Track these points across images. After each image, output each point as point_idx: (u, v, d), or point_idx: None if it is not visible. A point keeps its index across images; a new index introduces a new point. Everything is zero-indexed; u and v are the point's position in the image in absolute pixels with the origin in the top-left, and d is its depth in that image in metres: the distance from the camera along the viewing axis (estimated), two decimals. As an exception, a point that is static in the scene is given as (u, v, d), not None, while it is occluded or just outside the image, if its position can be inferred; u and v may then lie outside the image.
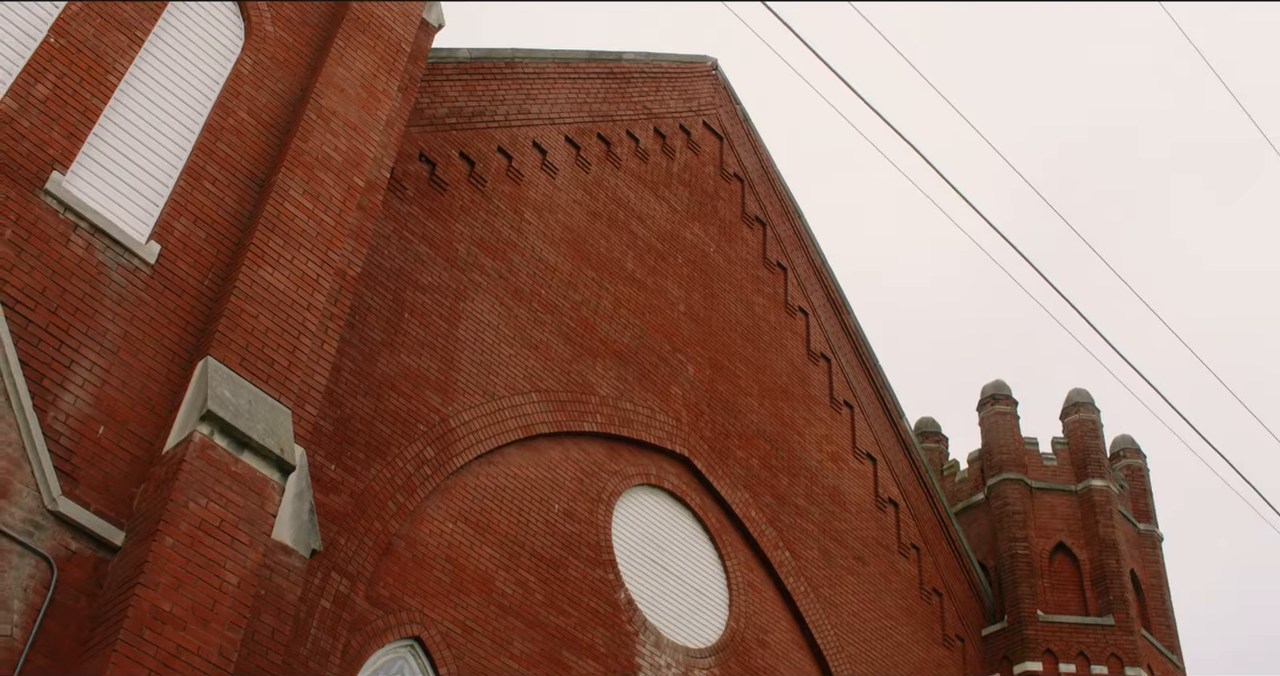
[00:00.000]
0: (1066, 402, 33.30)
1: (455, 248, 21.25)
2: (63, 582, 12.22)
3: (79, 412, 13.01)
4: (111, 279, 13.93)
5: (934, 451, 34.27)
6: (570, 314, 22.86)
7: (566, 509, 20.79)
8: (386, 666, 17.08)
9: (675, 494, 23.30)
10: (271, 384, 14.53)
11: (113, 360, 13.56)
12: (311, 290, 15.58)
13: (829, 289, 30.36)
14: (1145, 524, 32.24)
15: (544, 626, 19.25)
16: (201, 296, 14.76)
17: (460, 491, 19.17)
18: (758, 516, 24.53)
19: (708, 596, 22.88)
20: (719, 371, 25.75)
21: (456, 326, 20.46)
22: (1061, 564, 30.20)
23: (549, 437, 21.22)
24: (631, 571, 21.66)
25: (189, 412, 13.51)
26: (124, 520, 12.93)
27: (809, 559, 25.32)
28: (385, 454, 18.14)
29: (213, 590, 12.62)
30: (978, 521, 31.52)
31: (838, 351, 29.64)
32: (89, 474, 12.87)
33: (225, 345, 14.24)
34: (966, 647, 28.49)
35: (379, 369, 18.79)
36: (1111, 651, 28.10)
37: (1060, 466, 31.85)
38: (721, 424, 24.97)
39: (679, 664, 21.15)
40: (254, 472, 13.64)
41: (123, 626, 11.76)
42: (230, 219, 15.54)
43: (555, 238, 23.55)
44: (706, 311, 26.38)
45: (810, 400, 28.04)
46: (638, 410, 23.05)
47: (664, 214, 26.82)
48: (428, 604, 17.76)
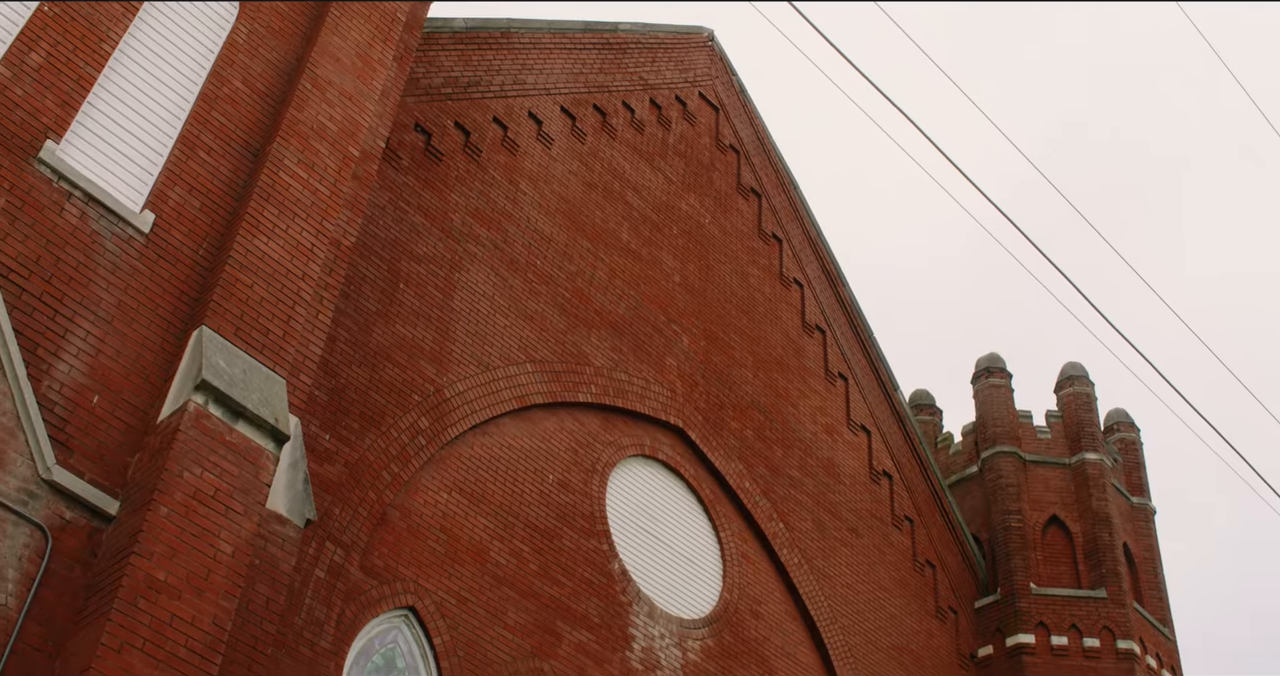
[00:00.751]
0: (1061, 376, 33.33)
1: (450, 218, 21.22)
2: (57, 552, 12.23)
3: (73, 382, 13.00)
4: (106, 248, 13.90)
5: (928, 424, 34.30)
6: (565, 284, 22.83)
7: (561, 479, 20.80)
8: (381, 636, 17.12)
9: (669, 465, 23.32)
10: (266, 353, 14.51)
11: (107, 329, 13.54)
12: (306, 260, 15.55)
13: (824, 260, 30.33)
14: (1138, 497, 32.30)
15: (538, 596, 19.28)
16: (196, 266, 14.73)
17: (455, 461, 19.18)
18: (752, 487, 24.56)
19: (701, 567, 22.92)
20: (714, 342, 25.74)
21: (451, 297, 20.44)
22: (1054, 537, 30.26)
23: (543, 408, 21.22)
24: (625, 542, 21.70)
25: (183, 382, 13.50)
26: (118, 489, 12.93)
27: (803, 530, 25.36)
28: (380, 424, 18.14)
29: (207, 559, 12.63)
30: (971, 494, 31.57)
31: (833, 323, 29.63)
32: (83, 443, 12.87)
33: (220, 314, 14.21)
34: (959, 619, 28.57)
35: (374, 339, 18.77)
36: (1104, 624, 28.18)
37: (1054, 439, 31.89)
38: (716, 395, 24.98)
39: (672, 634, 21.20)
40: (249, 442, 13.64)
41: (117, 595, 11.77)
42: (225, 188, 15.50)
43: (550, 208, 23.51)
44: (702, 282, 26.35)
45: (805, 372, 28.04)
46: (632, 381, 23.05)
47: (659, 185, 26.78)
48: (422, 574, 17.78)
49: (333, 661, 15.95)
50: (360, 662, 16.72)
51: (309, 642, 15.71)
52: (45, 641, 11.78)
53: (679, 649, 21.17)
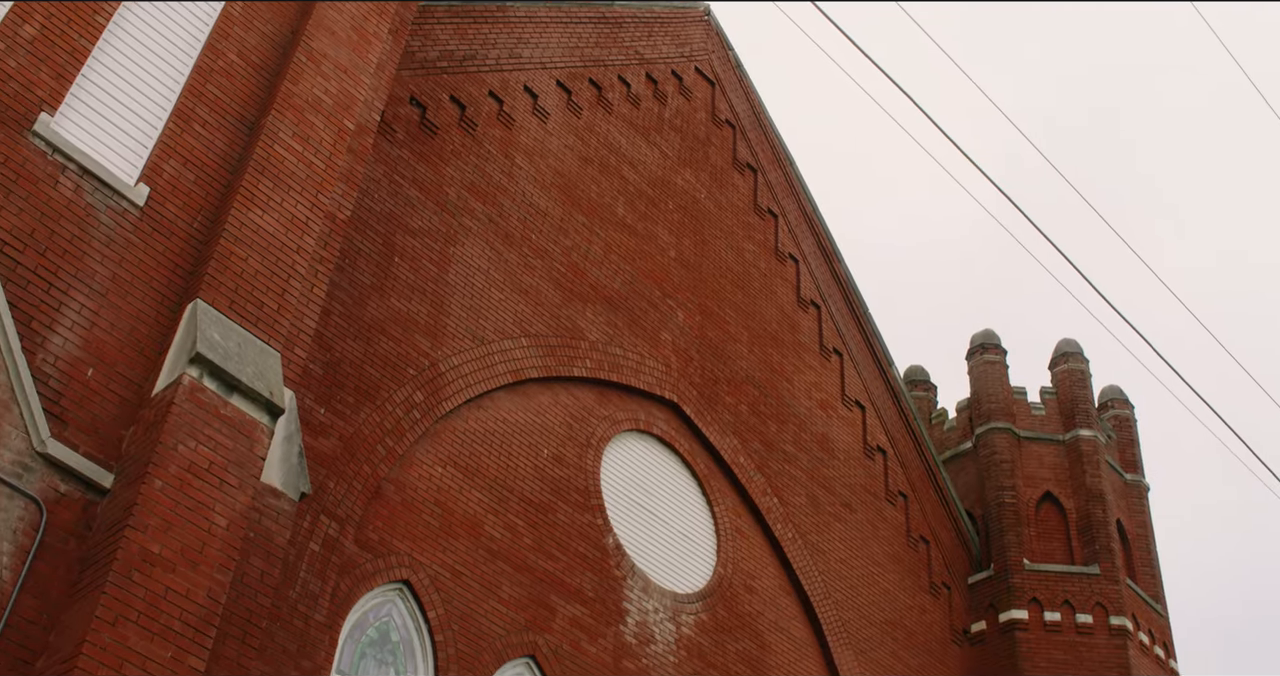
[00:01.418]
0: (1055, 352, 33.33)
1: (445, 192, 21.19)
2: (52, 525, 12.24)
3: (68, 355, 12.99)
4: (100, 221, 13.87)
5: (923, 400, 34.32)
6: (560, 259, 22.82)
7: (555, 454, 20.82)
8: (375, 609, 17.15)
9: (664, 439, 23.34)
10: (261, 327, 14.50)
11: (101, 302, 13.52)
12: (301, 233, 15.53)
13: (820, 236, 30.31)
14: (1132, 474, 32.35)
15: (532, 570, 19.31)
16: (191, 239, 14.70)
17: (449, 435, 19.19)
18: (746, 462, 24.59)
19: (695, 542, 22.96)
20: (709, 317, 25.74)
21: (446, 271, 20.42)
22: (1048, 513, 30.32)
23: (538, 382, 21.23)
24: (620, 516, 21.73)
25: (178, 355, 13.49)
26: (113, 462, 12.94)
27: (797, 505, 25.40)
28: (374, 398, 18.14)
29: (202, 532, 12.64)
30: (965, 470, 31.61)
31: (828, 298, 29.63)
32: (78, 416, 12.86)
33: (214, 288, 14.20)
34: (952, 595, 28.64)
35: (368, 312, 18.76)
36: (1096, 600, 28.25)
37: (1048, 416, 31.92)
38: (711, 370, 24.99)
39: (666, 608, 21.25)
40: (243, 415, 13.64)
41: (112, 568, 11.78)
42: (220, 161, 15.47)
43: (546, 182, 23.48)
44: (697, 257, 26.34)
45: (800, 347, 28.05)
46: (627, 356, 23.05)
47: (655, 160, 26.74)
48: (416, 547, 17.81)
49: (327, 634, 15.99)
50: (355, 636, 16.75)
51: (303, 616, 15.73)
52: (40, 614, 11.80)
53: (673, 623, 21.22)
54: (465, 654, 17.66)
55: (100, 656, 11.36)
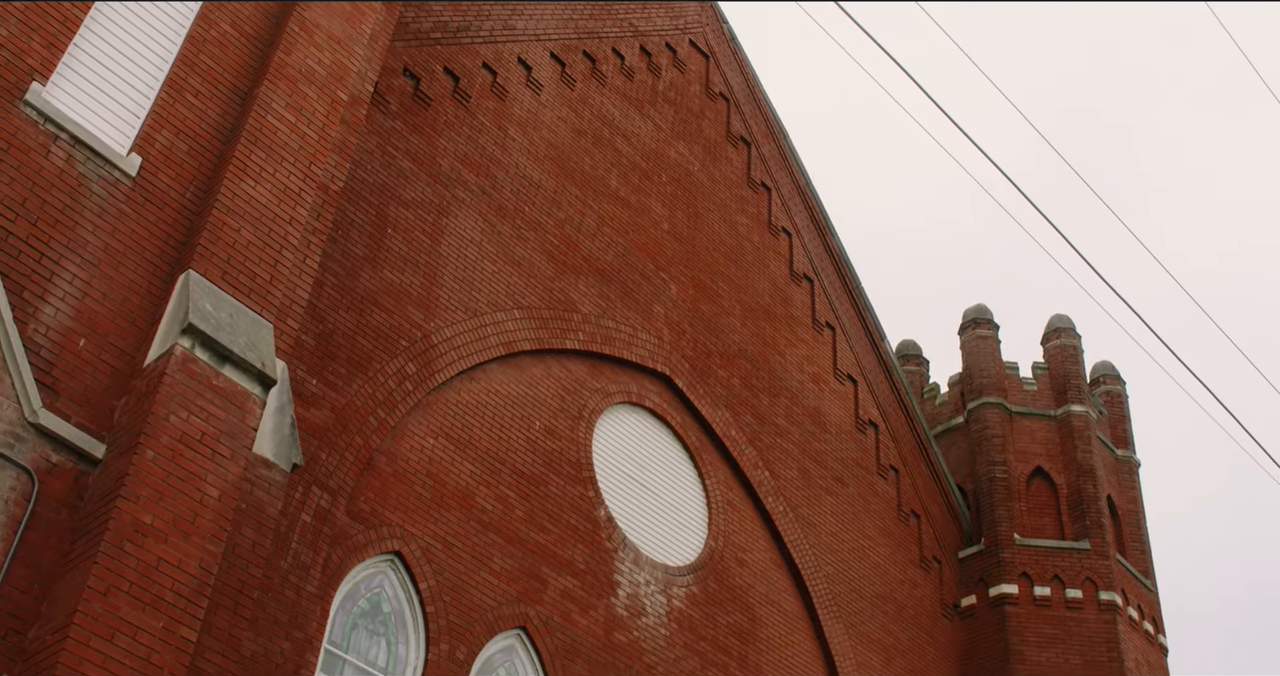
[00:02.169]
0: (1048, 328, 33.35)
1: (439, 163, 21.15)
2: (44, 495, 12.24)
3: (60, 325, 12.98)
4: (92, 191, 13.84)
5: (915, 374, 34.34)
6: (553, 231, 22.79)
7: (547, 426, 20.83)
8: (367, 580, 17.17)
9: (656, 412, 23.35)
10: (253, 297, 14.49)
11: (93, 272, 13.50)
12: (294, 204, 15.51)
13: (813, 210, 30.28)
14: (1123, 450, 32.40)
15: (524, 542, 19.34)
16: (183, 209, 14.68)
17: (441, 407, 19.19)
18: (738, 436, 24.61)
19: (687, 514, 22.99)
20: (701, 291, 25.73)
21: (439, 242, 20.40)
22: (1039, 488, 30.37)
23: (531, 355, 21.23)
24: (611, 489, 21.75)
25: (170, 326, 13.48)
26: (105, 433, 12.94)
27: (788, 479, 25.44)
28: (367, 369, 18.13)
29: (194, 503, 12.65)
30: (957, 444, 31.65)
31: (820, 272, 29.62)
32: (70, 386, 12.86)
33: (207, 258, 14.18)
34: (943, 569, 28.71)
35: (361, 284, 18.74)
36: (1086, 575, 28.33)
37: (1040, 391, 31.95)
38: (703, 343, 24.99)
39: (658, 581, 21.29)
40: (235, 386, 13.64)
41: (104, 538, 11.79)
42: (212, 131, 15.43)
43: (539, 155, 23.44)
44: (690, 230, 26.32)
45: (792, 321, 28.06)
46: (620, 328, 23.05)
47: (649, 132, 26.70)
48: (408, 519, 17.83)
49: (319, 605, 16.01)
50: (346, 607, 16.78)
51: (295, 586, 15.75)
52: (32, 584, 11.81)
53: (664, 595, 21.26)
54: (456, 625, 17.70)
55: (92, 626, 11.38)
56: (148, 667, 11.66)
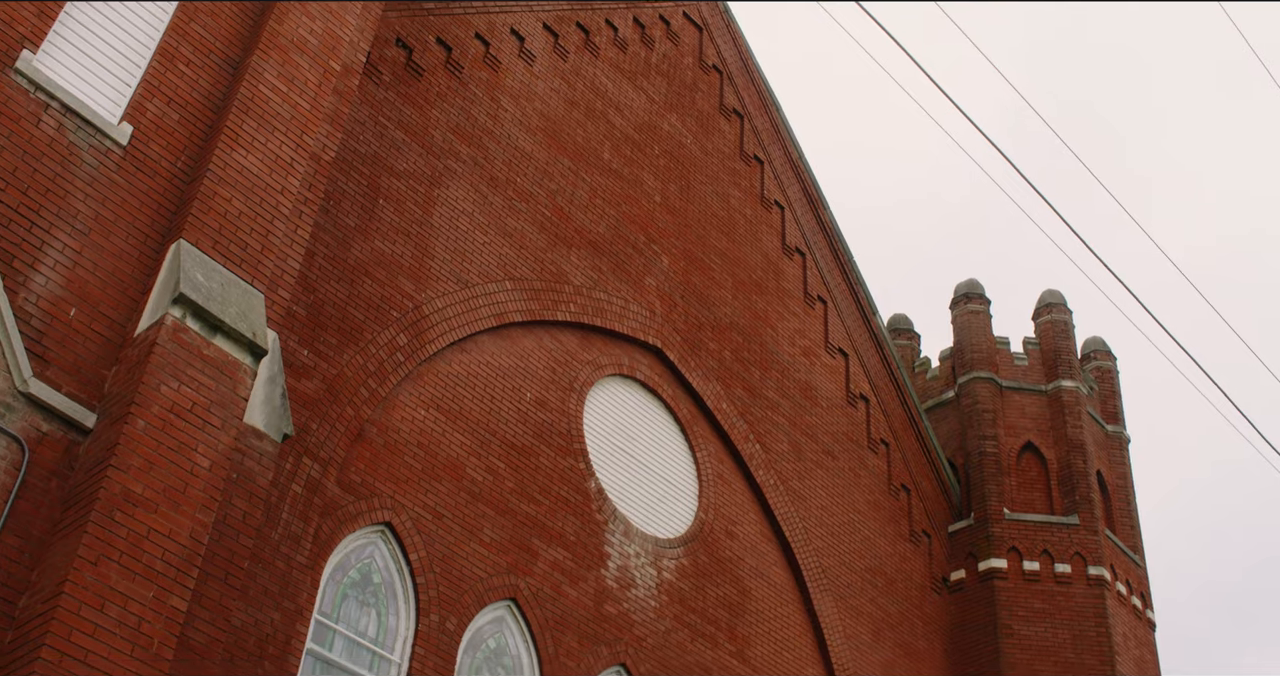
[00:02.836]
0: (1039, 303, 33.37)
1: (431, 134, 21.10)
2: (34, 464, 12.23)
3: (50, 294, 12.94)
4: (83, 160, 13.80)
5: (906, 348, 34.36)
6: (545, 202, 22.76)
7: (538, 397, 20.83)
8: (357, 551, 17.19)
9: (647, 384, 23.36)
10: (244, 268, 14.46)
11: (84, 242, 13.47)
12: (285, 174, 15.46)
13: (805, 183, 30.25)
14: (1113, 425, 32.46)
15: (514, 514, 19.36)
16: (174, 178, 14.63)
17: (432, 378, 19.18)
18: (729, 408, 24.63)
19: (677, 487, 23.02)
20: (693, 263, 25.71)
21: (431, 213, 20.36)
22: (1029, 463, 30.44)
23: (522, 326, 21.21)
24: (602, 461, 21.77)
25: (161, 295, 13.46)
26: (95, 402, 12.92)
27: (779, 452, 25.47)
28: (358, 339, 18.11)
29: (184, 473, 12.64)
30: (947, 419, 31.69)
31: (812, 246, 29.60)
32: (60, 356, 12.83)
33: (198, 228, 14.15)
34: (932, 543, 28.78)
35: (353, 254, 18.71)
36: (1075, 550, 28.41)
37: (1031, 366, 31.98)
38: (695, 315, 24.99)
39: (648, 553, 21.32)
40: (226, 356, 13.62)
41: (94, 508, 11.79)
42: (204, 101, 15.38)
43: (532, 126, 23.39)
44: (682, 203, 26.28)
45: (784, 294, 28.05)
46: (611, 300, 23.04)
47: (641, 104, 26.64)
48: (399, 489, 17.83)
49: (309, 576, 16.03)
50: (336, 577, 16.80)
51: (285, 557, 15.76)
52: (22, 553, 11.81)
53: (654, 567, 21.30)
54: (447, 596, 17.73)
55: (82, 595, 11.38)
56: (138, 636, 11.67)
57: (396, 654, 17.07)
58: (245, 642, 14.89)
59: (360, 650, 16.74)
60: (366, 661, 16.73)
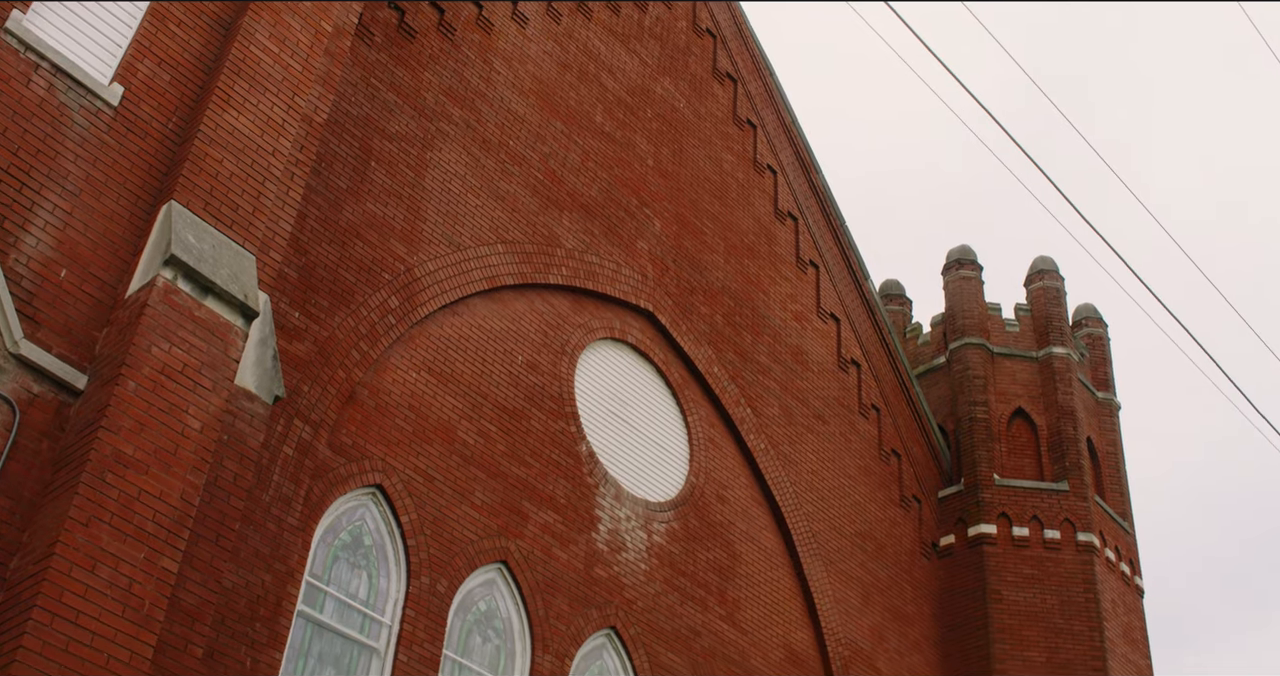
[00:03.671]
0: (1031, 270, 33.36)
1: (423, 96, 21.03)
2: (24, 425, 12.23)
3: (41, 255, 12.92)
4: (74, 120, 13.75)
5: (897, 314, 34.37)
6: (538, 166, 22.71)
7: (530, 361, 20.83)
8: (348, 513, 17.21)
9: (639, 348, 23.36)
10: (236, 229, 14.43)
11: (75, 203, 13.43)
12: (277, 135, 15.42)
13: (798, 147, 30.20)
14: (1104, 392, 32.50)
15: (505, 477, 19.38)
16: (165, 140, 14.59)
17: (424, 341, 19.18)
18: (720, 373, 24.64)
19: (669, 451, 23.05)
20: (686, 227, 25.69)
21: (423, 176, 20.31)
22: (1019, 429, 30.49)
23: (513, 289, 21.20)
24: (593, 424, 21.79)
25: (152, 257, 13.43)
26: (86, 364, 12.91)
27: (770, 416, 25.50)
28: (349, 302, 18.10)
29: (175, 434, 12.65)
30: (938, 385, 31.73)
31: (805, 211, 29.57)
32: (51, 317, 12.81)
33: (189, 189, 14.11)
34: (923, 508, 28.85)
35: (344, 217, 18.67)
36: (1065, 516, 28.49)
37: (1022, 332, 32.00)
38: (687, 279, 24.98)
39: (638, 516, 21.36)
40: (217, 318, 13.61)
41: (84, 469, 11.80)
42: (195, 62, 15.31)
43: (524, 89, 23.31)
44: (675, 167, 26.24)
45: (776, 258, 28.04)
46: (603, 264, 23.02)
47: (635, 68, 26.56)
48: (390, 452, 17.85)
49: (300, 538, 16.05)
50: (327, 539, 16.83)
51: (276, 519, 15.79)
52: (12, 514, 11.82)
53: (644, 531, 21.35)
54: (437, 558, 17.77)
55: (73, 556, 11.40)
56: (129, 598, 11.69)
57: (387, 616, 17.11)
58: (236, 604, 14.93)
59: (351, 612, 16.78)
60: (357, 623, 16.77)
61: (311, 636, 16.25)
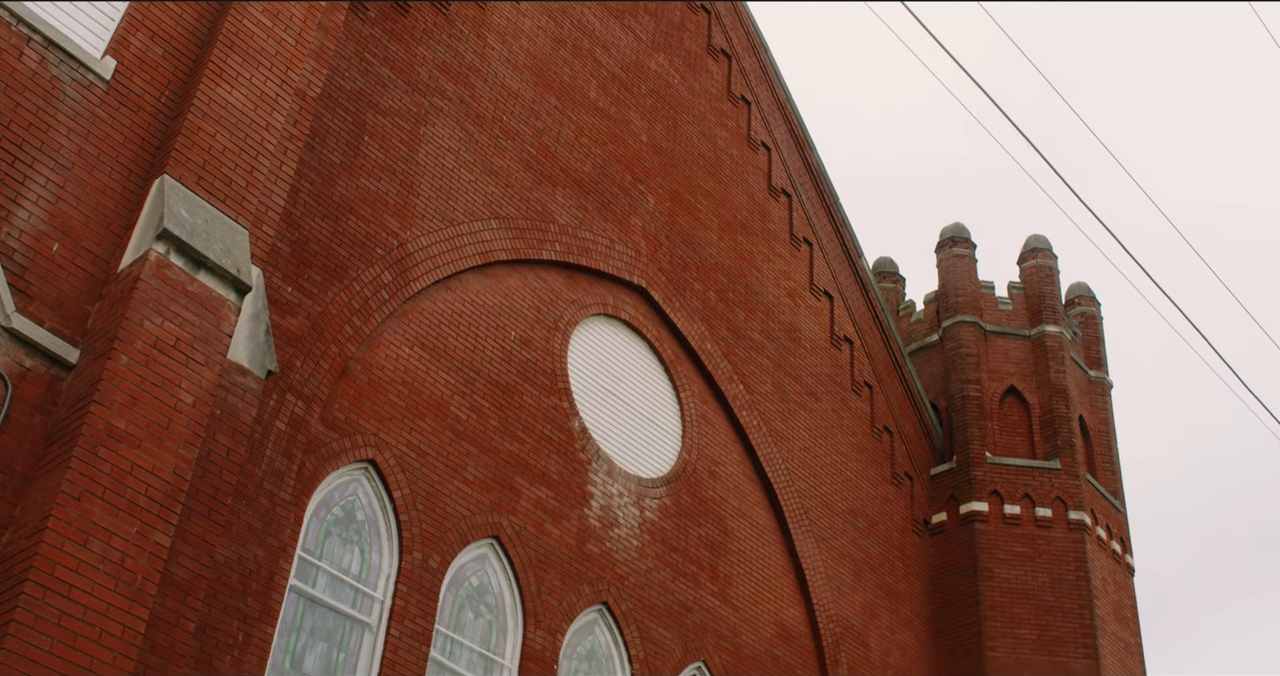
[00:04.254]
0: (1024, 248, 33.35)
1: (417, 71, 20.97)
2: (17, 399, 12.21)
3: (33, 229, 12.88)
4: (66, 94, 13.70)
5: (891, 291, 34.37)
6: (531, 141, 22.66)
7: (523, 336, 20.82)
8: (341, 488, 17.21)
9: (632, 324, 23.35)
10: (229, 204, 14.40)
11: (67, 176, 13.39)
12: (270, 109, 15.37)
13: (792, 124, 30.15)
14: (1096, 371, 32.54)
15: (497, 452, 19.39)
16: (158, 114, 14.54)
17: (417, 316, 19.16)
18: (713, 349, 24.64)
19: (661, 427, 23.07)
20: (679, 203, 25.66)
21: (416, 151, 20.27)
22: (1011, 407, 30.53)
23: (507, 265, 21.17)
24: (586, 400, 21.79)
25: (145, 231, 13.41)
26: (79, 338, 12.89)
27: (762, 393, 25.51)
28: (342, 277, 18.07)
29: (167, 409, 12.64)
30: (931, 362, 31.75)
31: (799, 188, 29.54)
32: (43, 291, 12.79)
33: (182, 164, 14.07)
34: (914, 486, 28.89)
35: (337, 191, 18.63)
36: (1056, 494, 28.55)
37: (1015, 311, 32.02)
38: (680, 256, 24.96)
39: (630, 492, 21.38)
40: (210, 292, 13.59)
41: (77, 444, 11.79)
42: (188, 35, 15.26)
43: (518, 64, 23.25)
44: (669, 143, 26.20)
45: (769, 235, 28.02)
46: (596, 240, 22.99)
47: (629, 43, 26.49)
48: (382, 427, 17.84)
49: (292, 512, 16.05)
50: (320, 514, 16.83)
51: (269, 493, 15.79)
52: (5, 489, 11.81)
53: (636, 507, 21.37)
54: (430, 534, 17.78)
55: (65, 530, 11.40)
56: (121, 572, 11.70)
57: (379, 591, 17.13)
58: (228, 578, 14.94)
59: (343, 587, 16.80)
60: (350, 598, 16.79)
61: (303, 611, 16.27)
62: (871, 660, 25.17)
